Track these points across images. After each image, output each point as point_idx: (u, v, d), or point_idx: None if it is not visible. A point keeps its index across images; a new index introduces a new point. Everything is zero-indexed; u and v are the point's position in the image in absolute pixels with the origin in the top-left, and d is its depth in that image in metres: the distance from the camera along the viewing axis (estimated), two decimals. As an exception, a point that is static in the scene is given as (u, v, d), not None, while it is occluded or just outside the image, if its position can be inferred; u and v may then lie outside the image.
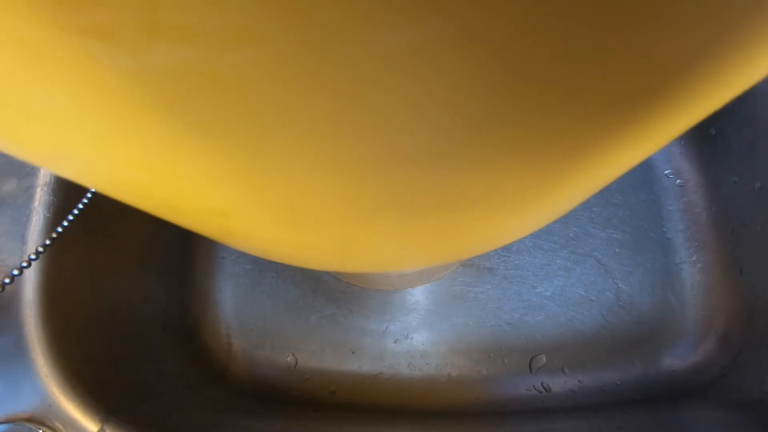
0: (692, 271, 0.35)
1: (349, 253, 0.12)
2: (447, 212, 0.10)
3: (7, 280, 0.17)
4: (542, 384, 0.34)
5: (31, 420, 0.20)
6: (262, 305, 0.36)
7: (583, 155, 0.08)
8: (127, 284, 0.29)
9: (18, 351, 0.21)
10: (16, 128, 0.07)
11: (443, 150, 0.07)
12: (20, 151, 0.08)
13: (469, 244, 0.13)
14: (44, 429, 0.20)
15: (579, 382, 0.33)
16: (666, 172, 0.37)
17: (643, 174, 0.38)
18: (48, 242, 0.19)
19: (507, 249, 0.37)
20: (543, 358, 0.34)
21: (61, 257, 0.23)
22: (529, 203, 0.10)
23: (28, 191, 0.24)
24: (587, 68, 0.06)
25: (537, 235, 0.37)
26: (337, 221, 0.10)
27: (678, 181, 0.37)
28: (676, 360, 0.33)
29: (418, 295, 0.36)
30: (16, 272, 0.17)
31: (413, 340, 0.35)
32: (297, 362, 0.35)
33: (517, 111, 0.07)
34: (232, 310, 0.37)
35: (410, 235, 0.11)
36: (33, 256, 0.18)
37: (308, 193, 0.09)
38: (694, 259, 0.35)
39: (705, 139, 0.36)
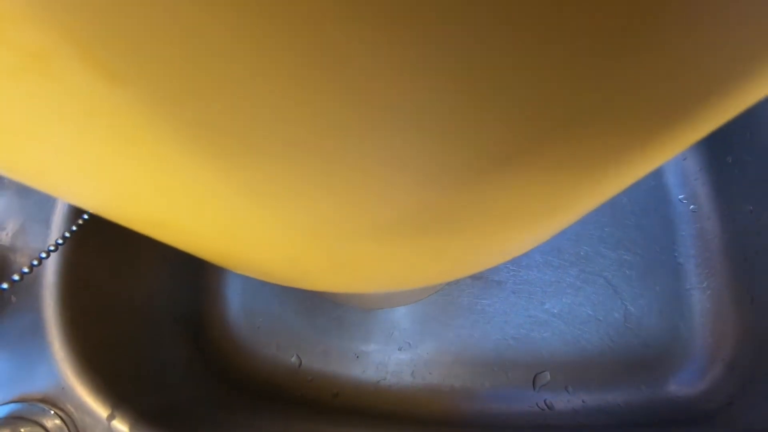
0: (702, 298, 0.35)
1: (356, 274, 0.12)
2: (463, 229, 0.10)
3: (35, 262, 0.17)
4: (545, 401, 0.34)
5: (43, 401, 0.20)
6: (270, 304, 0.37)
7: (603, 170, 0.09)
8: (143, 275, 0.30)
9: (36, 332, 0.21)
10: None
11: (466, 166, 0.07)
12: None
13: (477, 260, 0.13)
14: (56, 410, 0.20)
15: (582, 402, 0.33)
16: (680, 197, 0.37)
17: (657, 197, 0.38)
18: (74, 228, 0.19)
19: (517, 264, 0.37)
20: (547, 375, 0.34)
21: (83, 245, 0.24)
22: (547, 217, 0.11)
23: (55, 177, 0.24)
24: (613, 92, 0.06)
25: (547, 252, 0.37)
26: (352, 242, 0.10)
27: (692, 206, 0.37)
28: (682, 386, 0.33)
29: (425, 304, 0.36)
30: (43, 255, 0.18)
31: (418, 349, 0.35)
32: (301, 363, 0.35)
33: (543, 130, 0.07)
34: (240, 307, 0.37)
35: (421, 254, 0.11)
36: (60, 241, 0.19)
37: (327, 213, 0.08)
38: (704, 285, 0.35)
39: (721, 166, 0.36)
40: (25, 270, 0.17)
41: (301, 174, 0.07)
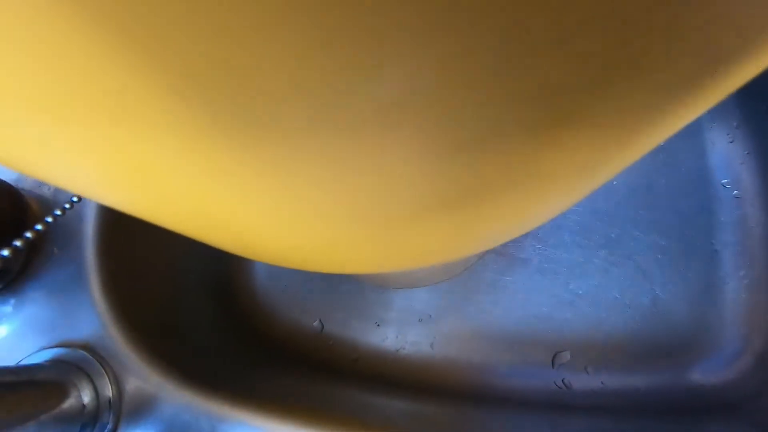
0: (737, 287, 0.34)
1: (401, 250, 0.12)
2: (500, 193, 0.10)
3: (67, 206, 0.18)
4: (563, 380, 0.34)
5: (85, 347, 0.22)
6: (296, 269, 0.37)
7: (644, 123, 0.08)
8: (175, 235, 0.31)
9: (77, 283, 0.23)
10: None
11: (504, 127, 0.07)
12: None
13: (511, 227, 0.13)
14: (96, 357, 0.22)
15: (602, 383, 0.33)
16: (723, 181, 0.36)
17: (698, 180, 0.36)
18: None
19: (544, 242, 0.36)
20: (567, 355, 0.34)
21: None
22: (585, 175, 0.10)
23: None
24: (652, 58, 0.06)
25: (577, 232, 0.36)
26: (390, 219, 0.09)
27: (735, 192, 0.35)
28: (706, 374, 0.32)
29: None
30: (75, 198, 0.19)
31: (438, 321, 0.36)
32: (323, 327, 0.36)
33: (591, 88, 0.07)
34: (266, 270, 0.38)
35: (462, 224, 0.11)
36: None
37: (358, 193, 0.08)
38: (741, 274, 0.34)
39: (772, 150, 0.34)
40: (67, 206, 0.17)
41: (330, 153, 0.07)
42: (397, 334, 0.36)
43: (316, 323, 0.37)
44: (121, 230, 0.25)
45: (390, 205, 0.09)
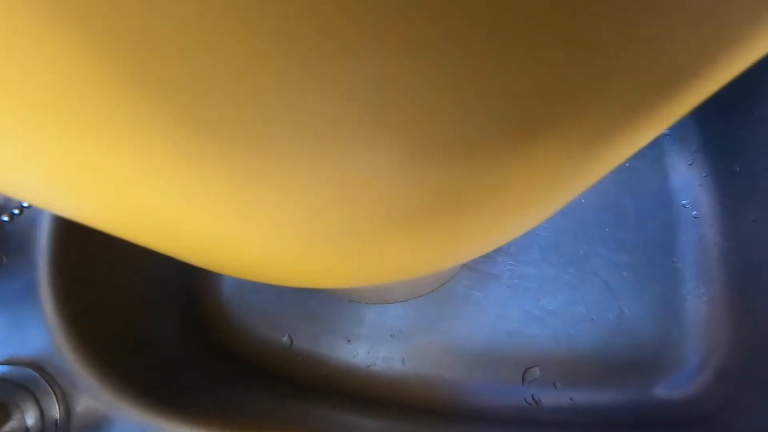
0: (697, 304, 0.35)
1: (370, 266, 0.12)
2: (480, 207, 0.10)
3: (15, 211, 0.17)
4: (533, 396, 0.34)
5: (32, 365, 0.20)
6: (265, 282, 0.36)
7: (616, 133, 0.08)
8: (137, 245, 0.29)
9: (27, 295, 0.21)
10: None
11: (485, 138, 0.07)
12: None
13: (491, 238, 0.13)
14: (44, 375, 0.20)
15: (570, 399, 0.33)
16: (683, 202, 0.37)
17: (660, 201, 0.37)
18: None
19: (515, 258, 0.37)
20: (537, 371, 0.34)
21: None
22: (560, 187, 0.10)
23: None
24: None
25: (546, 249, 0.36)
26: (368, 232, 0.09)
27: (694, 212, 0.37)
28: (670, 390, 0.33)
29: (421, 292, 0.36)
30: (25, 204, 0.17)
31: (410, 337, 0.35)
32: (293, 343, 0.35)
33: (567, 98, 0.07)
34: (233, 282, 0.37)
35: (438, 236, 0.11)
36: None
37: (330, 204, 0.08)
38: (701, 292, 0.35)
39: (728, 174, 0.35)
40: (15, 211, 0.16)
41: (300, 160, 0.07)
42: (369, 350, 0.35)
43: (285, 338, 0.36)
44: (77, 239, 0.23)
45: (360, 214, 0.09)
